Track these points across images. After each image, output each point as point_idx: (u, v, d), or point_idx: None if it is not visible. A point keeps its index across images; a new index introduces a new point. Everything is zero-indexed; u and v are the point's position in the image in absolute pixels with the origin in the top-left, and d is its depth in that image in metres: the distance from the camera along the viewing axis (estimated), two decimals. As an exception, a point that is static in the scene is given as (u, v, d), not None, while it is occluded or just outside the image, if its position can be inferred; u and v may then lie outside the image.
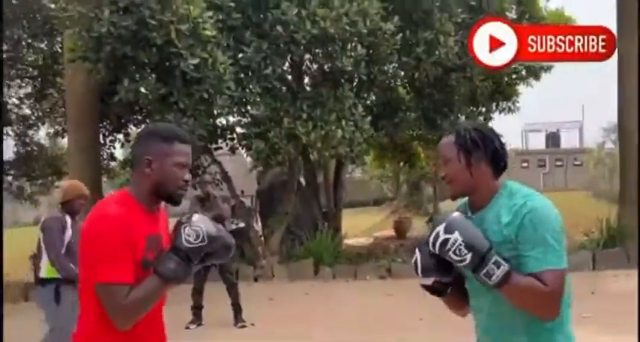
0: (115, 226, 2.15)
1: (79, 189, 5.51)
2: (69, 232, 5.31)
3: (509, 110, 15.42)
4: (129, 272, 2.14)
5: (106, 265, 2.13)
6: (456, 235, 2.02)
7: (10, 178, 16.51)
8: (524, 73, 15.25)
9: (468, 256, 2.00)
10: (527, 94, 18.29)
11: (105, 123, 14.06)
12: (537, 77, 15.36)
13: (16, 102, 16.98)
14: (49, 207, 5.99)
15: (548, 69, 15.29)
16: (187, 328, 7.52)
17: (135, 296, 2.13)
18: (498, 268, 1.99)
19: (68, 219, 5.38)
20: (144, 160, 2.25)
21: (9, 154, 16.84)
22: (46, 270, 5.38)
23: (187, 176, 2.30)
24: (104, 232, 2.15)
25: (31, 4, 14.99)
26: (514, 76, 15.07)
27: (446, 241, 2.02)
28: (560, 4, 14.99)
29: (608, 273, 10.04)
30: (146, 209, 2.29)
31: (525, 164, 37.27)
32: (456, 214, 2.13)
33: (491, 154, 2.16)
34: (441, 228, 2.04)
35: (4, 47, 16.13)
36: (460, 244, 2.01)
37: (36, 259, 5.73)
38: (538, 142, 40.95)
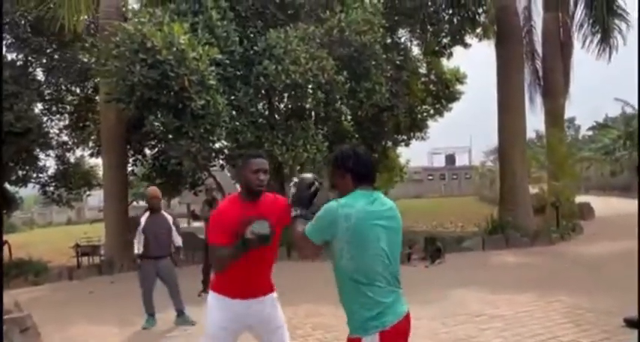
0: (216, 213, 2.73)
1: (154, 192, 6.02)
2: (142, 224, 5.85)
3: (422, 138, 16.07)
4: (222, 238, 2.60)
5: (211, 234, 2.64)
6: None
7: (52, 188, 16.23)
8: (432, 111, 15.96)
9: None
10: (433, 126, 19.04)
11: (128, 147, 14.05)
12: (441, 114, 16.08)
13: (57, 132, 16.71)
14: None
15: (449, 109, 16.01)
16: (199, 295, 7.65)
17: (223, 252, 2.59)
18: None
19: (146, 214, 5.92)
20: (239, 173, 2.77)
21: (51, 170, 16.56)
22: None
23: (261, 176, 2.70)
24: (212, 217, 2.74)
25: (68, 58, 14.89)
26: (425, 114, 15.74)
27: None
28: (456, 64, 15.71)
29: (493, 252, 10.52)
30: (244, 200, 2.72)
31: (431, 177, 38.27)
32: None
33: (349, 169, 2.27)
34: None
35: (49, 90, 15.94)
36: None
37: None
38: (439, 161, 42.07)
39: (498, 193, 13.52)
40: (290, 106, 11.26)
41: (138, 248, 5.88)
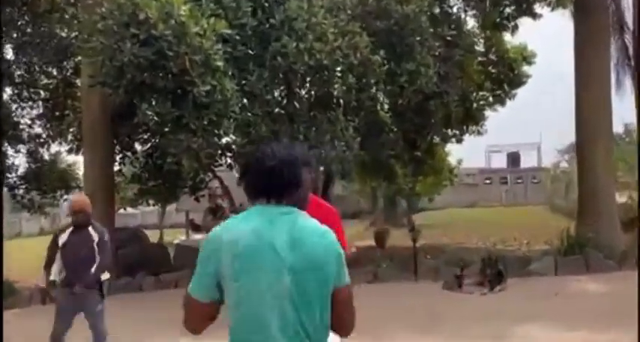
0: None
1: (84, 204, 5.76)
2: (62, 242, 5.67)
3: (478, 133, 15.99)
4: None
5: None
6: None
7: (21, 191, 16.66)
8: (491, 99, 15.87)
9: None
10: (491, 117, 18.93)
11: (114, 142, 14.33)
12: (503, 103, 15.97)
13: (28, 122, 17.15)
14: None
15: (513, 96, 15.91)
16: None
17: None
18: None
19: (68, 231, 5.71)
20: None
21: (21, 169, 17.00)
22: None
23: None
24: None
25: (43, 33, 15.25)
26: (482, 103, 15.67)
27: None
28: (522, 40, 15.59)
29: (569, 278, 10.31)
30: None
31: (488, 181, 37.98)
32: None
33: (242, 178, 2.18)
34: None
35: (20, 72, 16.38)
36: None
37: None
38: (500, 161, 41.75)
39: (576, 202, 13.37)
40: (314, 92, 11.34)
41: (54, 274, 5.68)
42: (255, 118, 10.47)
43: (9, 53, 16.22)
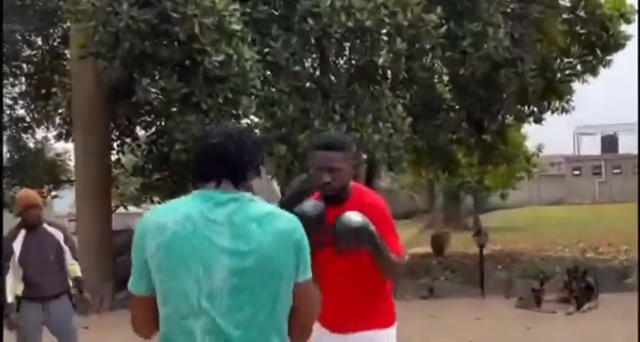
0: None
1: (32, 199, 5.68)
2: (19, 250, 5.59)
3: (563, 110, 15.66)
4: None
5: None
6: None
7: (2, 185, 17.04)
8: (579, 68, 15.53)
9: None
10: (582, 92, 18.53)
11: (111, 126, 14.53)
12: (595, 73, 15.61)
13: (10, 102, 17.50)
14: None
15: (607, 64, 15.54)
16: None
17: None
18: None
19: (22, 234, 5.65)
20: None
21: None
22: None
23: (325, 178, 2.89)
24: None
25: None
26: (568, 72, 15.34)
27: None
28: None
29: None
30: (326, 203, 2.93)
31: (577, 172, 37.25)
32: None
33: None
34: None
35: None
36: None
37: None
38: (592, 146, 40.88)
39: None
40: (354, 62, 11.29)
41: (14, 288, 5.59)
42: (280, 95, 10.48)
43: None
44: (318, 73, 11.25)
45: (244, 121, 12.22)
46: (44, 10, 15.54)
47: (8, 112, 17.53)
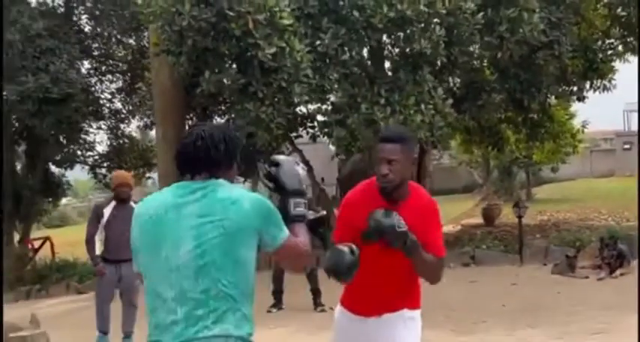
0: (343, 201, 2.99)
1: (123, 178, 6.38)
2: (105, 218, 6.19)
3: (605, 88, 14.81)
4: (341, 235, 2.88)
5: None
6: None
7: (104, 170, 17.53)
8: (620, 48, 14.64)
9: None
10: (629, 70, 17.48)
11: (191, 115, 14.67)
12: (635, 52, 14.69)
13: (109, 97, 17.93)
14: None
15: (649, 43, 14.58)
16: (269, 311, 7.82)
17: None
18: None
19: (111, 205, 6.23)
20: None
21: (103, 147, 17.89)
22: None
23: (383, 170, 2.70)
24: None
25: (118, 0, 15.73)
26: (609, 52, 14.48)
27: None
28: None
29: None
30: (382, 197, 2.79)
31: (627, 146, 35.48)
32: None
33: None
34: None
35: (96, 45, 17.10)
36: None
37: None
38: (643, 122, 38.75)
39: None
40: (398, 50, 10.94)
41: (100, 248, 6.22)
42: (330, 82, 10.27)
43: (85, 26, 16.95)
44: (364, 61, 10.92)
45: (303, 108, 12.18)
46: (134, 14, 15.79)
47: (108, 105, 18.00)
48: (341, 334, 3.06)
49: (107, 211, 6.21)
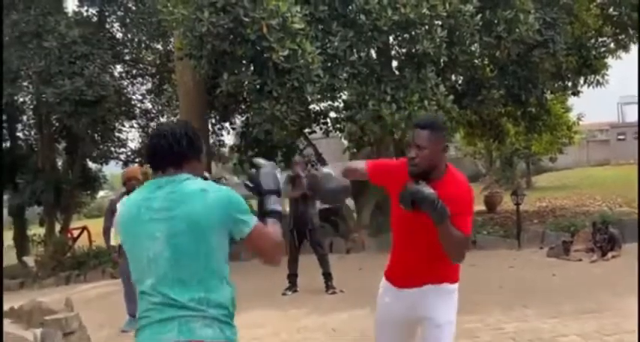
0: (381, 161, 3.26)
1: (131, 173, 6.52)
2: (118, 211, 6.13)
3: (598, 83, 14.56)
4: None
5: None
6: None
7: (136, 165, 17.62)
8: (612, 45, 14.38)
9: None
10: (622, 65, 17.16)
11: (213, 113, 14.67)
12: (627, 49, 14.44)
13: (139, 97, 18.01)
14: None
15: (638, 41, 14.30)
16: (284, 294, 7.79)
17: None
18: None
19: (123, 199, 6.23)
20: None
21: (134, 144, 18.00)
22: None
23: (411, 153, 2.75)
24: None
25: (147, 9, 15.75)
26: (602, 50, 14.24)
27: None
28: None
29: None
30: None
31: (622, 137, 35.00)
32: None
33: None
34: None
35: (127, 50, 17.15)
36: None
37: None
38: (635, 114, 38.14)
39: None
40: (403, 50, 10.81)
41: (116, 236, 6.23)
42: (339, 82, 10.18)
43: (116, 32, 17.00)
44: (371, 61, 10.81)
45: (315, 105, 12.11)
46: (161, 20, 15.78)
47: (138, 105, 18.10)
48: (383, 305, 3.05)
49: (119, 205, 6.25)
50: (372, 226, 11.72)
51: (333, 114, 12.21)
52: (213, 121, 14.49)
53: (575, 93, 14.73)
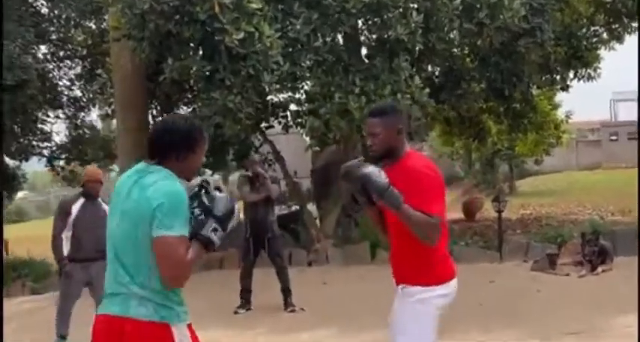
0: None
1: (94, 175, 6.45)
2: (73, 215, 6.20)
3: (589, 77, 14.98)
4: None
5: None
6: None
7: (62, 162, 17.35)
8: (605, 35, 14.82)
9: None
10: (616, 58, 17.66)
11: (154, 103, 14.54)
12: (620, 40, 14.90)
13: (67, 83, 17.71)
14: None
15: (634, 30, 14.77)
16: (236, 313, 7.80)
17: None
18: None
19: (80, 201, 6.25)
20: None
21: (60, 137, 17.68)
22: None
23: (369, 142, 3.23)
24: None
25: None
26: (594, 40, 14.65)
27: None
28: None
29: None
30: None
31: (614, 137, 35.96)
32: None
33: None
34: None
35: (53, 28, 16.86)
36: None
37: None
38: (630, 112, 39.25)
39: None
40: (374, 36, 10.95)
41: (58, 246, 6.21)
42: (301, 70, 10.25)
43: (42, 8, 16.70)
44: (338, 47, 10.92)
45: (274, 97, 12.13)
46: (95, -5, 15.59)
47: (66, 92, 17.78)
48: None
49: (75, 208, 6.20)
50: (337, 236, 11.81)
51: (293, 107, 12.24)
52: (155, 112, 14.35)
53: (564, 88, 15.15)
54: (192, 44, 9.76)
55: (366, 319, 6.81)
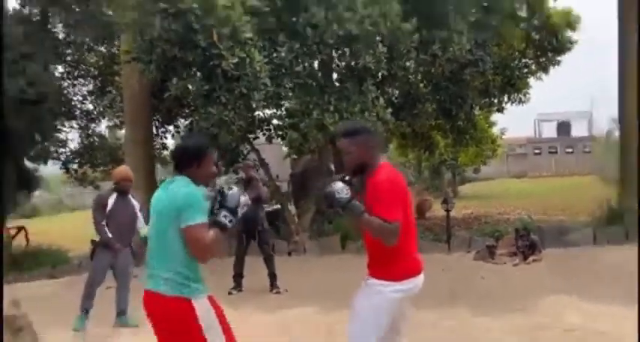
0: None
1: (125, 174, 6.31)
2: (109, 207, 6.20)
3: (520, 101, 15.32)
4: None
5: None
6: None
7: (75, 165, 17.08)
8: (534, 67, 15.16)
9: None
10: (540, 86, 18.07)
11: (157, 117, 14.45)
12: (546, 71, 15.25)
13: (80, 99, 17.47)
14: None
15: (557, 63, 15.14)
16: (230, 293, 7.79)
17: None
18: None
19: (113, 196, 6.24)
20: None
21: (74, 144, 17.42)
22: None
23: (342, 161, 3.25)
24: None
25: (92, 11, 15.34)
26: (525, 71, 14.99)
27: None
28: (567, 4, 14.77)
29: (608, 248, 9.74)
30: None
31: (538, 151, 36.75)
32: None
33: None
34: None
35: (69, 51, 16.65)
36: None
37: None
38: (550, 130, 40.09)
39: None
40: (345, 64, 11.06)
41: (105, 232, 6.21)
42: (285, 91, 10.30)
43: (59, 33, 16.47)
44: (315, 72, 10.99)
45: (260, 112, 12.14)
46: (105, 24, 15.42)
47: (79, 106, 17.54)
48: None
49: (110, 202, 6.21)
50: (312, 230, 11.86)
51: (276, 121, 12.28)
52: (157, 123, 14.26)
53: (500, 109, 15.47)
54: (193, 67, 9.72)
55: (341, 299, 6.84)
